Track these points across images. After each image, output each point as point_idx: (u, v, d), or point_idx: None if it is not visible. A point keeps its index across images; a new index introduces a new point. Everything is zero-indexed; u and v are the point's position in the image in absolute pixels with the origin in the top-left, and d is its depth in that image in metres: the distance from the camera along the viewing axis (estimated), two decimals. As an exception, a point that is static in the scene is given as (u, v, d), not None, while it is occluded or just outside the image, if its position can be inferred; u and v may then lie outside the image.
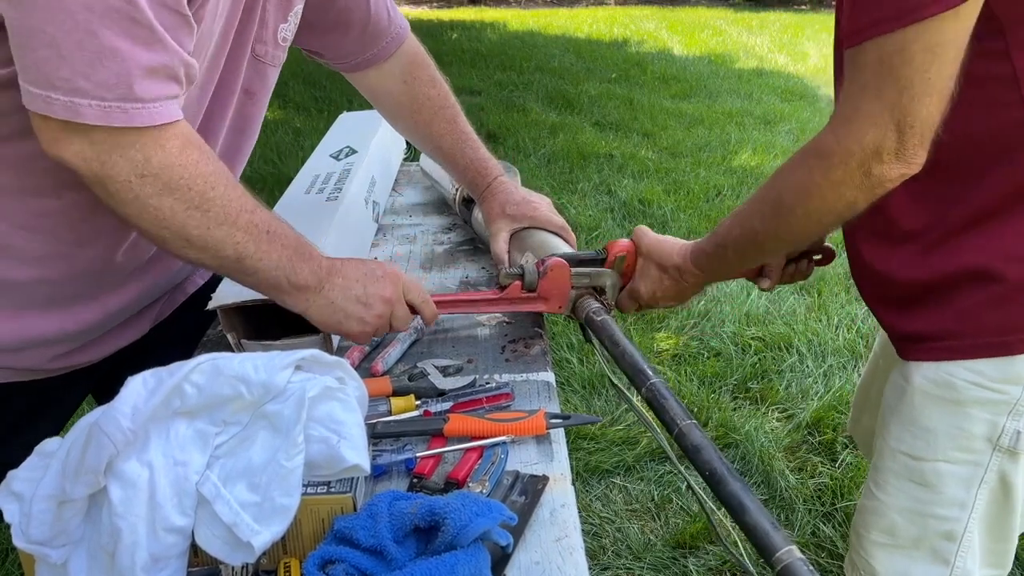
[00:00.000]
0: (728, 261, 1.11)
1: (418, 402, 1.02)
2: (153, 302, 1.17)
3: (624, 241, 1.20)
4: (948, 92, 0.82)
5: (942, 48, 0.80)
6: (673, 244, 1.18)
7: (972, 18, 0.80)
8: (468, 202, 1.50)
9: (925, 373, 1.04)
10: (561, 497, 0.87)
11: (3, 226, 0.92)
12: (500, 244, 1.28)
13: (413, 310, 1.08)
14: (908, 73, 0.81)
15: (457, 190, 1.54)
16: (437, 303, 1.13)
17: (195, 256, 0.90)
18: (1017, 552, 1.96)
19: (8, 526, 0.71)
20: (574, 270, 1.15)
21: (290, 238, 0.95)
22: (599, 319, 1.10)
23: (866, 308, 3.04)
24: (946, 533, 1.08)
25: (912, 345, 1.06)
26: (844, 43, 0.86)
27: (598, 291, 1.17)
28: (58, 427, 1.17)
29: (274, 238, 0.93)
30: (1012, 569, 1.94)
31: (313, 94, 5.96)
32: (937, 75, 0.81)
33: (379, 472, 0.90)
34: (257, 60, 1.04)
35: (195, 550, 0.73)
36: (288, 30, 1.04)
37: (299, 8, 1.05)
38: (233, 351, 0.99)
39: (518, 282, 1.13)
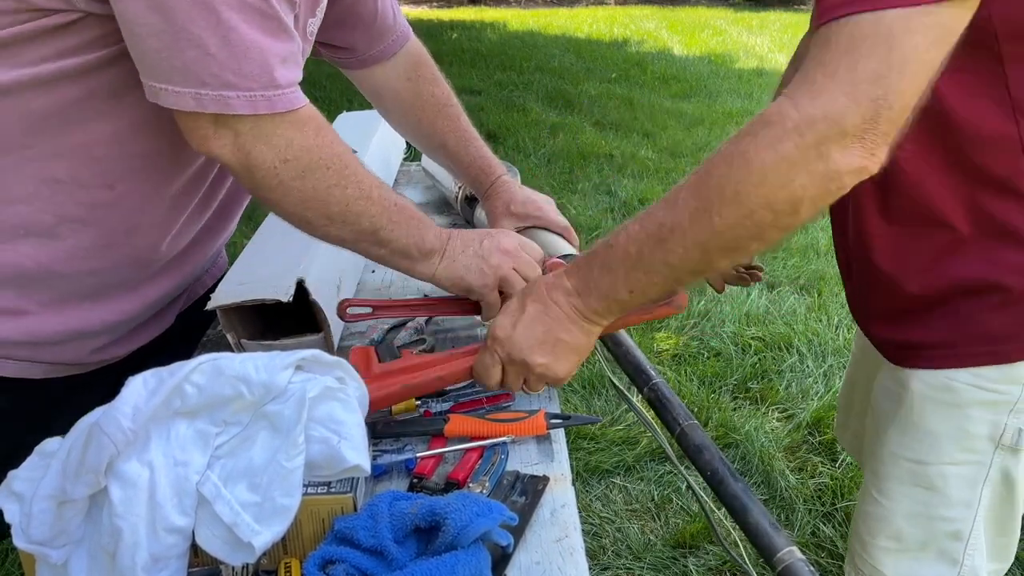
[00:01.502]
0: (613, 267, 0.86)
1: (418, 402, 1.02)
2: (179, 294, 1.19)
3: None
4: (927, 85, 0.75)
5: (948, 35, 0.73)
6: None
7: (969, 17, 0.76)
8: (470, 200, 1.50)
9: (923, 378, 1.04)
10: (561, 497, 0.87)
11: (53, 219, 0.93)
12: None
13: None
14: (908, 51, 0.72)
15: (460, 188, 1.54)
16: (435, 303, 1.14)
17: (336, 232, 0.96)
18: (1017, 553, 1.96)
19: (8, 526, 0.71)
20: None
21: (412, 209, 1.01)
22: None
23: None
24: (953, 533, 1.08)
25: (909, 353, 1.05)
26: (837, 10, 0.73)
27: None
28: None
29: (402, 210, 0.99)
30: (1012, 568, 1.95)
31: (313, 94, 5.94)
32: (933, 62, 0.73)
33: (379, 472, 0.90)
34: None
35: (195, 550, 0.73)
36: (315, 24, 1.06)
37: (324, 3, 1.07)
38: (233, 351, 0.99)
39: None
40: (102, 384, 1.15)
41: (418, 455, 0.92)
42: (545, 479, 0.89)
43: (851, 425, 1.43)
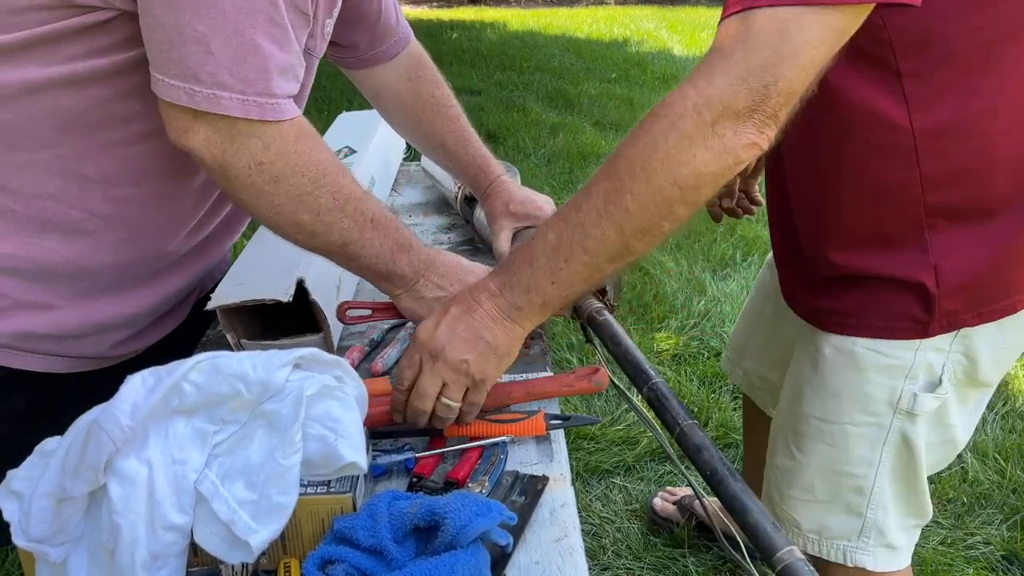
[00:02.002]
0: (534, 259, 0.88)
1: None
2: (191, 290, 1.20)
3: None
4: (812, 81, 0.82)
5: (837, 36, 0.81)
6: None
7: (860, 21, 0.82)
8: (470, 200, 1.50)
9: (833, 343, 1.12)
10: (561, 497, 0.87)
11: (81, 213, 0.94)
12: (502, 242, 1.28)
13: None
14: (799, 44, 0.79)
15: (459, 188, 1.54)
16: None
17: (304, 240, 0.95)
18: (1017, 552, 1.96)
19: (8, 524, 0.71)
20: None
21: (392, 228, 1.00)
22: (601, 318, 1.10)
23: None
24: (857, 488, 1.16)
25: (823, 317, 1.14)
26: (739, 5, 0.81)
27: (600, 291, 1.17)
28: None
29: (378, 227, 0.97)
30: (1013, 569, 1.94)
31: (313, 94, 5.92)
32: (820, 57, 0.81)
33: (379, 472, 0.90)
34: (307, 54, 1.07)
35: (195, 550, 0.73)
36: (331, 25, 1.08)
37: (340, 3, 1.07)
38: (233, 351, 0.99)
39: None
40: (109, 386, 1.16)
41: (417, 455, 0.92)
42: (544, 479, 0.89)
43: (744, 364, 1.58)
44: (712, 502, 1.21)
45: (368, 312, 1.10)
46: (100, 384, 1.11)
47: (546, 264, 0.87)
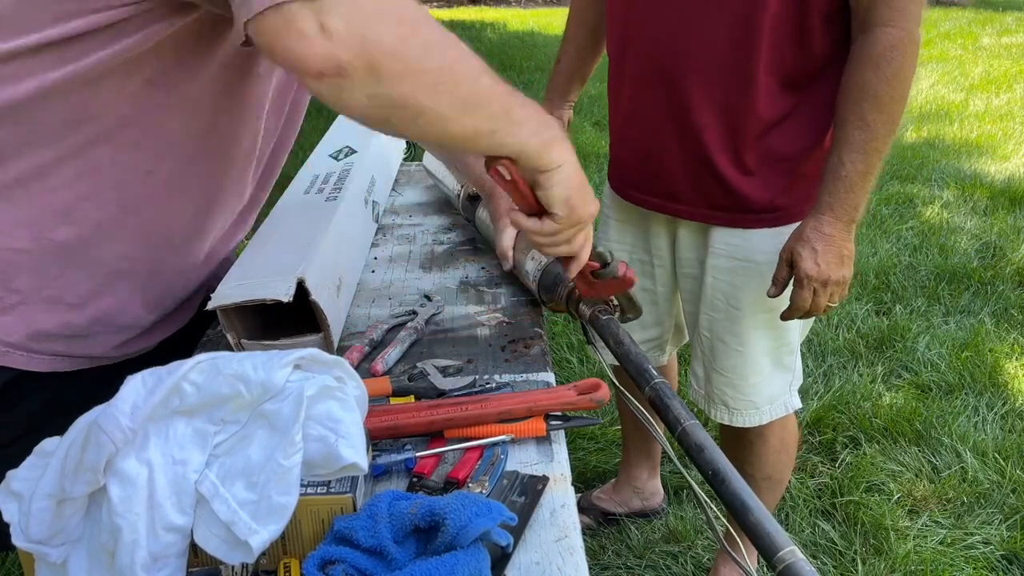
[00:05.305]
0: (854, 185, 1.28)
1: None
2: (198, 289, 1.20)
3: None
4: None
5: None
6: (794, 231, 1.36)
7: None
8: (472, 200, 1.50)
9: (761, 247, 1.43)
10: (561, 497, 0.87)
11: (92, 209, 0.95)
12: (506, 240, 1.28)
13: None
14: None
15: (462, 187, 1.54)
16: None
17: (472, 124, 0.79)
18: (1017, 552, 1.96)
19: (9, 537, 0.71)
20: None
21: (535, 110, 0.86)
22: (604, 319, 1.10)
23: (866, 308, 3.03)
24: (790, 351, 1.54)
25: (749, 217, 1.43)
26: None
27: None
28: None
29: (526, 104, 0.84)
30: (1012, 568, 1.94)
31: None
32: None
33: (379, 472, 0.90)
34: None
35: (195, 550, 0.72)
36: None
37: None
38: (233, 351, 0.99)
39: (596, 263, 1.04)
40: (110, 387, 1.17)
41: (418, 455, 0.92)
42: (545, 479, 0.89)
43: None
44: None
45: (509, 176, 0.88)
46: (108, 383, 1.12)
47: (861, 186, 1.29)
